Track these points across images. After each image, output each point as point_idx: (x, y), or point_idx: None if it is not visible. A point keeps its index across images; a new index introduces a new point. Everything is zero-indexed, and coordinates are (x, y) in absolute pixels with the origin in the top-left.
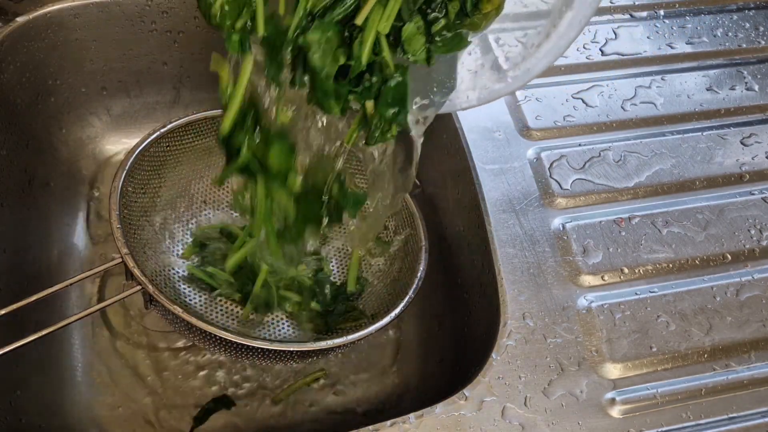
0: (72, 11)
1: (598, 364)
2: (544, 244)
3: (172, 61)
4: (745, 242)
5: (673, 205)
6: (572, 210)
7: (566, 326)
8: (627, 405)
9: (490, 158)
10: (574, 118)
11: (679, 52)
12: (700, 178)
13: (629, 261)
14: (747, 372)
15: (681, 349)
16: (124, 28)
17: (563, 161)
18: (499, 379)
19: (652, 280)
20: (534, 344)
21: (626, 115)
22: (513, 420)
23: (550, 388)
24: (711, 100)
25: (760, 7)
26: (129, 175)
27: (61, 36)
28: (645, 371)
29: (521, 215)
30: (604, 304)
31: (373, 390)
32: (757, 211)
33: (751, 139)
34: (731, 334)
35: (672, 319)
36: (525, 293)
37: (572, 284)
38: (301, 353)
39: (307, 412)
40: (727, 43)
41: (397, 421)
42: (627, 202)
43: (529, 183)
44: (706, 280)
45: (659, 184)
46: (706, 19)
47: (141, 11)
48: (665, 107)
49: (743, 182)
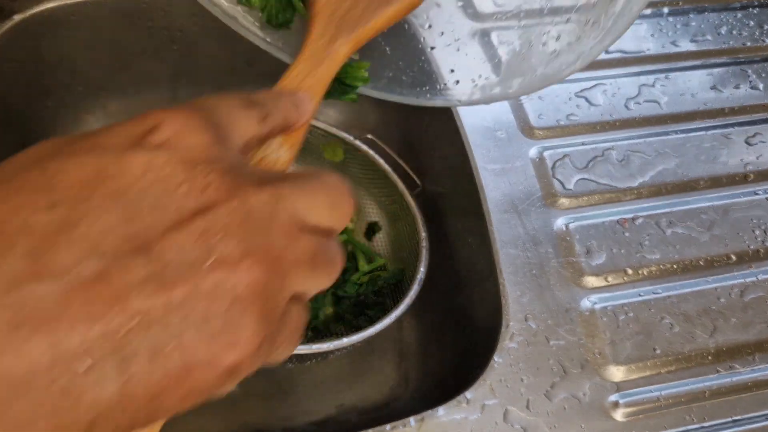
0: (68, 9)
1: (601, 366)
2: (546, 244)
3: (169, 60)
4: (750, 243)
5: (677, 206)
6: (575, 210)
7: (569, 328)
8: (630, 408)
9: (492, 157)
10: (577, 117)
11: (683, 51)
12: (704, 178)
13: (633, 262)
14: (751, 374)
15: (685, 351)
16: (120, 26)
17: (566, 161)
18: (500, 381)
19: (656, 281)
20: (536, 346)
21: (630, 114)
22: (515, 423)
23: (552, 391)
24: (715, 99)
25: (765, 5)
26: None
27: (57, 34)
28: (648, 373)
29: (523, 215)
30: (608, 306)
31: (373, 392)
32: (762, 212)
33: (755, 138)
34: (735, 336)
35: (676, 320)
36: (527, 294)
37: (575, 285)
38: (300, 355)
39: (306, 413)
40: (732, 42)
41: (398, 424)
42: (631, 203)
43: (532, 183)
44: (710, 281)
45: (663, 183)
46: (710, 17)
47: (138, 9)
48: (669, 106)
49: (748, 182)
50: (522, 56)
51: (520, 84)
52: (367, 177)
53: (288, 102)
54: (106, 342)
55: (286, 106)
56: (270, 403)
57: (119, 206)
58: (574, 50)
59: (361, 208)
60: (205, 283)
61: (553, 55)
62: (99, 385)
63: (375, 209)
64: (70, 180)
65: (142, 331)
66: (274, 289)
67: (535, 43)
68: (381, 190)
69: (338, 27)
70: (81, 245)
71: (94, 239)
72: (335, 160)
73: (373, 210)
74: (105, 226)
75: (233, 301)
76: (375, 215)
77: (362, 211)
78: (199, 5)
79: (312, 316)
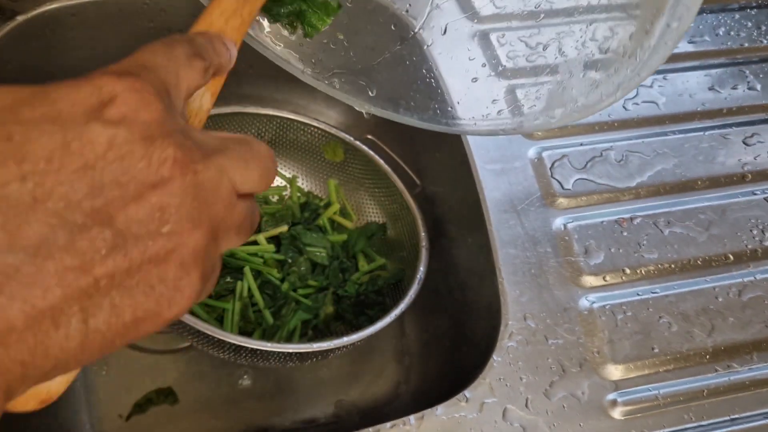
0: (70, 10)
1: (599, 365)
2: (545, 244)
3: None
4: (748, 242)
5: (676, 205)
6: (574, 210)
7: (568, 327)
8: (629, 406)
9: (492, 158)
10: None
11: (681, 51)
12: (702, 178)
13: (631, 261)
14: (749, 373)
15: (683, 350)
16: (121, 27)
17: (565, 161)
18: (500, 380)
19: (654, 280)
20: (535, 345)
21: (628, 115)
22: (514, 422)
23: (551, 390)
24: (713, 100)
25: (762, 6)
26: None
27: (59, 35)
28: (647, 372)
29: (522, 215)
30: (606, 305)
31: (373, 391)
32: (760, 211)
33: (753, 138)
34: (733, 335)
35: (674, 319)
36: (526, 294)
37: (574, 285)
38: (300, 354)
39: (307, 412)
40: (729, 42)
41: (398, 423)
42: (629, 202)
43: (531, 183)
44: (709, 280)
45: (661, 184)
46: (708, 18)
47: (139, 10)
48: (667, 106)
49: (746, 182)
50: (563, 87)
51: (561, 114)
52: (367, 177)
53: (222, 48)
54: (73, 303)
55: (221, 52)
56: (270, 401)
57: (86, 181)
58: (613, 81)
59: (361, 208)
60: (158, 251)
61: (593, 86)
62: (65, 339)
63: (375, 209)
64: (39, 152)
65: (104, 292)
66: (212, 252)
67: (575, 74)
68: (381, 190)
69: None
70: (51, 218)
71: (62, 212)
72: (336, 160)
73: (373, 210)
74: (72, 199)
75: (180, 266)
76: (375, 215)
77: (362, 211)
78: (199, 6)
79: (312, 315)
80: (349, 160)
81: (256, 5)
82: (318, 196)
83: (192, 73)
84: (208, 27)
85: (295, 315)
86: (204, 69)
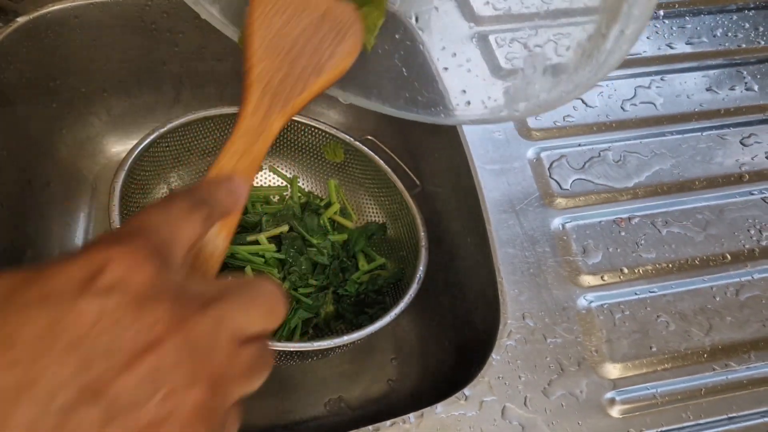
0: (72, 11)
1: (598, 364)
2: (544, 244)
3: (172, 61)
4: (745, 242)
5: (673, 206)
6: (572, 210)
7: (566, 326)
8: (627, 405)
9: (490, 158)
10: (573, 118)
11: (678, 53)
12: (699, 178)
13: (629, 261)
14: (747, 372)
15: (681, 349)
16: (124, 29)
17: (563, 161)
18: (499, 378)
19: (652, 280)
20: (534, 344)
21: (626, 116)
22: (513, 420)
23: (550, 388)
24: (711, 100)
25: (760, 8)
26: (129, 175)
27: (61, 36)
28: (645, 371)
29: (521, 215)
30: (604, 304)
31: (372, 389)
32: (757, 211)
33: (750, 139)
34: (731, 334)
35: (672, 319)
36: (525, 293)
37: (572, 284)
38: (301, 353)
39: (307, 410)
40: (727, 43)
41: (397, 421)
42: (627, 202)
43: (529, 183)
44: (706, 280)
45: (659, 184)
46: (705, 19)
47: (141, 12)
48: (665, 107)
49: (743, 182)
50: (527, 82)
51: (525, 107)
52: (367, 177)
53: (226, 192)
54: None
55: (224, 197)
56: (271, 400)
57: (74, 357)
58: (573, 81)
59: (361, 208)
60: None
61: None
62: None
63: (375, 209)
64: (27, 335)
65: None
66: (218, 404)
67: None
68: (381, 190)
69: (272, 99)
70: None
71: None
72: (336, 160)
73: (373, 210)
74: (61, 379)
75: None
76: (375, 215)
77: (362, 211)
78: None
79: (313, 314)
80: (349, 161)
81: (266, 143)
82: (318, 196)
83: (190, 225)
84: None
85: (296, 314)
86: (204, 219)
